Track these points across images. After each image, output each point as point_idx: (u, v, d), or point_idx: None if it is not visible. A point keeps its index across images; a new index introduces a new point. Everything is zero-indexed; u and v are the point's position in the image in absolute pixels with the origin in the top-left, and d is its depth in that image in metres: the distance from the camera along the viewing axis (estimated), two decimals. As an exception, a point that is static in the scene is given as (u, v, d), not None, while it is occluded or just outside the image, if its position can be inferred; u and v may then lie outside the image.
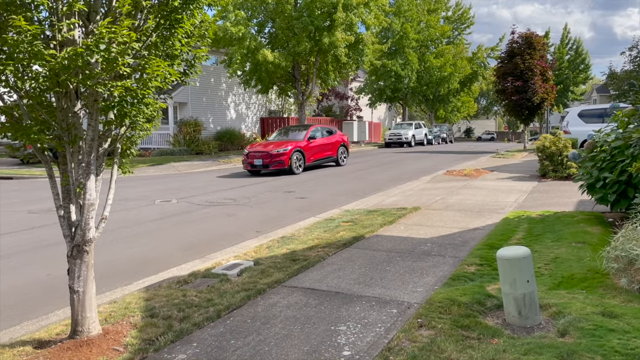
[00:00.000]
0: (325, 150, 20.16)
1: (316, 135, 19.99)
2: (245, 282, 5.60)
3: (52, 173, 4.13)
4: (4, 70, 3.24)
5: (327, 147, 20.31)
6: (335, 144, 20.82)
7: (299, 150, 18.30)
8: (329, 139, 20.61)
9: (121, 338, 4.25)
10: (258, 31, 28.32)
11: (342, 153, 21.27)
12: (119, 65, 3.54)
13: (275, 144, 18.58)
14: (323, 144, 20.11)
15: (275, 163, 17.56)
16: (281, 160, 17.53)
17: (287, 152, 17.73)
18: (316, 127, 20.89)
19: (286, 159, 17.63)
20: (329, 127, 22.30)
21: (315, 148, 19.45)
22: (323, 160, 20.08)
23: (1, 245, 8.07)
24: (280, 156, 17.62)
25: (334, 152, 20.66)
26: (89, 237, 4.07)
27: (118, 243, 8.11)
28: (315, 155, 19.33)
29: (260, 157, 17.74)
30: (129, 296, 5.34)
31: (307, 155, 18.64)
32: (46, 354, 3.97)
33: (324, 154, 20.00)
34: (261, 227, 9.10)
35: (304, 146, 18.71)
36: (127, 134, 4.24)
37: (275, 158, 17.57)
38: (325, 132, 20.93)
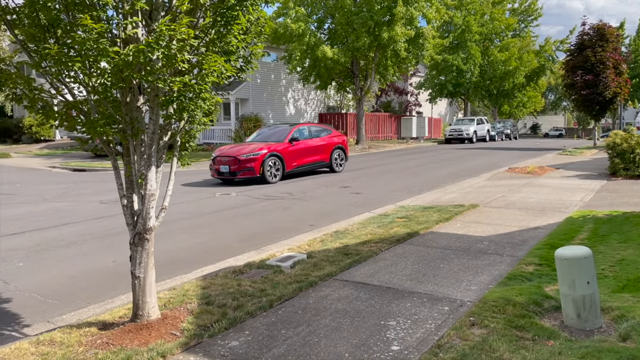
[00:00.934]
0: (314, 154, 16.47)
1: (301, 135, 16.39)
2: (297, 274, 5.69)
3: (117, 164, 4.36)
4: (73, 66, 3.46)
5: (317, 150, 16.59)
6: (328, 146, 17.01)
7: (275, 155, 14.93)
8: (319, 141, 16.85)
9: (178, 323, 4.43)
10: (317, 27, 28.48)
11: (338, 157, 17.45)
12: (178, 61, 3.69)
13: (247, 146, 15.41)
14: (311, 147, 16.41)
15: (243, 170, 14.35)
16: (250, 167, 14.24)
17: (259, 157, 14.37)
18: (302, 126, 17.25)
19: (257, 165, 14.32)
20: (322, 127, 18.50)
21: (299, 152, 15.91)
22: (311, 166, 16.48)
23: (74, 233, 8.61)
24: (249, 162, 14.31)
25: (325, 156, 16.91)
26: (150, 225, 4.27)
27: (180, 233, 8.44)
28: (299, 160, 15.82)
29: (227, 162, 14.51)
30: (187, 284, 5.56)
31: (287, 161, 15.30)
32: (109, 335, 4.22)
33: (311, 158, 16.36)
34: (316, 221, 9.18)
35: (283, 149, 15.29)
36: (186, 128, 4.42)
37: (243, 164, 14.33)
38: (316, 132, 17.18)
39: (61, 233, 8.64)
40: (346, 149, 18.02)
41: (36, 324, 4.78)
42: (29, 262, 6.86)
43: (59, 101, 4.11)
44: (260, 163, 14.46)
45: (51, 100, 4.03)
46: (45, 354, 3.92)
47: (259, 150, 14.72)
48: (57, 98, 4.04)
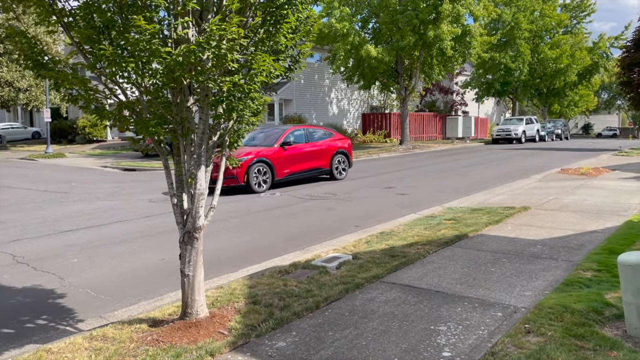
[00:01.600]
0: (311, 160, 14.79)
1: (296, 139, 14.72)
2: (343, 276, 5.63)
3: (168, 164, 4.42)
4: (126, 67, 3.52)
5: (314, 156, 14.91)
6: (327, 150, 15.33)
7: (262, 161, 13.27)
8: (318, 145, 15.16)
9: (226, 322, 4.45)
10: (362, 27, 28.34)
11: (340, 163, 15.64)
12: (228, 61, 3.69)
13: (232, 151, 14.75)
14: (307, 152, 14.72)
15: (225, 178, 11.99)
16: (232, 175, 12.44)
17: (242, 164, 12.70)
18: (298, 128, 15.59)
19: (240, 172, 12.66)
20: (322, 129, 16.67)
21: (293, 157, 14.26)
22: (307, 173, 14.79)
23: (125, 231, 8.84)
24: (231, 169, 12.40)
25: (324, 161, 15.17)
26: (199, 224, 4.30)
27: (226, 232, 8.53)
28: (292, 167, 14.11)
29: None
30: (234, 283, 5.59)
31: (277, 167, 13.63)
32: (159, 332, 4.28)
33: (307, 164, 14.67)
34: (360, 221, 9.10)
35: (272, 154, 13.62)
36: (235, 127, 4.43)
37: (225, 172, 13.96)
38: (314, 136, 15.40)
39: (112, 230, 8.89)
40: (350, 154, 16.23)
41: (89, 319, 4.91)
42: (83, 259, 7.08)
43: (112, 102, 4.20)
44: (245, 170, 12.76)
45: (105, 101, 4.13)
46: (98, 349, 4.01)
47: (244, 155, 12.91)
48: (110, 98, 4.12)
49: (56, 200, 12.49)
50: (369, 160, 23.26)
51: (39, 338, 4.44)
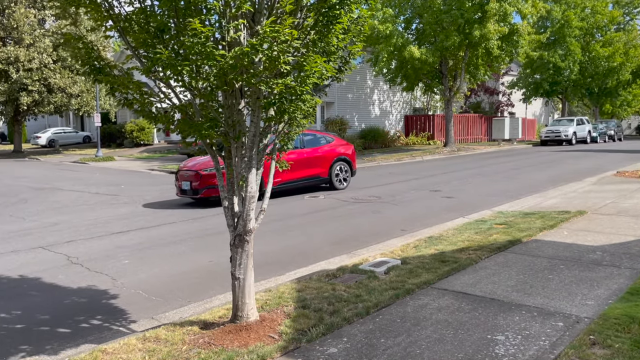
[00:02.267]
0: (306, 168, 13.32)
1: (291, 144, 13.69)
2: (393, 281, 5.51)
3: (219, 167, 4.43)
4: (181, 70, 3.53)
5: (311, 163, 13.43)
6: (326, 157, 13.92)
7: None
8: (315, 151, 13.75)
9: (276, 326, 4.41)
10: (405, 28, 28.03)
11: (341, 171, 14.24)
12: (280, 63, 3.65)
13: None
14: (302, 159, 13.21)
15: (206, 188, 11.48)
16: (214, 185, 11.31)
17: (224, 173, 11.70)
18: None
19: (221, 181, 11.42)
20: (320, 134, 14.95)
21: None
22: (302, 182, 13.35)
23: (172, 233, 8.99)
24: (212, 178, 11.32)
25: (323, 169, 13.81)
26: (250, 227, 4.29)
27: (271, 234, 8.53)
28: (284, 175, 12.48)
29: (189, 178, 11.73)
30: (282, 286, 5.56)
31: (265, 176, 12.17)
32: (210, 334, 4.28)
33: (302, 172, 13.24)
34: (407, 225, 8.93)
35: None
36: (285, 130, 4.39)
37: (206, 180, 11.42)
38: (310, 141, 13.90)
39: (160, 233, 9.05)
40: (353, 162, 14.78)
41: (141, 320, 4.98)
42: (134, 260, 7.22)
43: (166, 105, 4.24)
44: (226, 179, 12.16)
45: (159, 104, 4.17)
46: (151, 350, 4.04)
47: None
48: (164, 102, 4.16)
49: (107, 202, 12.86)
50: (412, 162, 22.95)
51: (94, 338, 4.52)
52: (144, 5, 3.79)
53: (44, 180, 18.02)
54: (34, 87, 28.56)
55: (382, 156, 24.54)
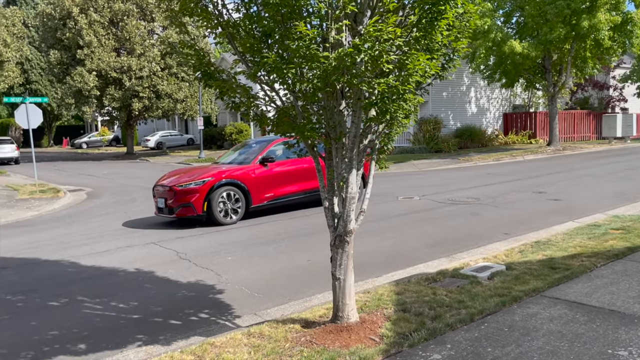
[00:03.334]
0: (306, 179, 11.21)
1: (284, 153, 11.26)
2: (497, 287, 5.25)
3: (320, 167, 4.48)
4: (286, 73, 3.61)
5: (311, 174, 11.06)
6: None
7: (231, 183, 10.23)
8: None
9: (376, 328, 4.37)
10: (504, 22, 26.77)
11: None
12: (383, 62, 3.61)
13: (195, 171, 10.94)
14: (300, 170, 11.19)
15: (180, 206, 9.98)
16: (187, 203, 9.87)
17: (201, 188, 9.89)
18: (286, 140, 10.73)
19: (198, 200, 9.85)
20: None
21: (279, 177, 10.94)
22: (301, 196, 11.29)
23: (272, 231, 9.25)
24: (187, 195, 9.89)
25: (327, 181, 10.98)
26: (350, 228, 4.28)
27: (367, 235, 8.50)
28: (277, 190, 10.86)
29: (163, 194, 10.26)
30: (380, 288, 5.51)
31: (253, 191, 10.48)
32: (312, 333, 4.33)
33: (300, 185, 11.21)
34: (510, 229, 8.50)
35: (245, 174, 10.50)
36: (385, 130, 4.34)
37: (180, 198, 9.93)
38: None
39: (261, 231, 9.35)
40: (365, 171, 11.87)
41: (245, 315, 5.16)
42: (236, 257, 7.52)
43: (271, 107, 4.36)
44: (204, 196, 9.87)
45: (264, 107, 4.29)
46: (256, 346, 4.17)
47: (205, 176, 10.15)
48: (269, 105, 4.28)
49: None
50: (513, 162, 21.84)
51: (202, 331, 4.75)
52: (250, 12, 3.92)
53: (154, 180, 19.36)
54: (144, 94, 30.82)
55: (479, 156, 23.62)
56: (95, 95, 30.77)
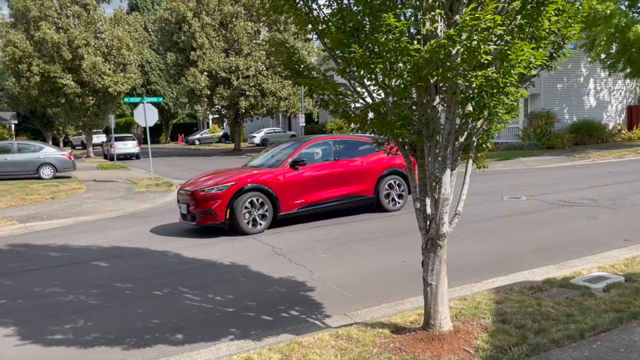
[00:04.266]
0: (342, 184, 10.29)
1: (317, 156, 10.37)
2: (614, 301, 4.70)
3: (411, 167, 4.27)
4: (374, 68, 3.46)
5: (348, 178, 10.37)
6: (370, 170, 10.66)
7: (257, 189, 9.36)
8: (354, 163, 10.55)
9: (471, 339, 4.09)
10: (629, 6, 24.27)
11: (392, 188, 10.89)
12: (480, 53, 3.33)
13: (218, 175, 9.96)
14: (336, 173, 10.27)
15: (202, 213, 9.27)
16: (208, 210, 9.16)
17: (223, 194, 9.13)
18: (320, 141, 10.87)
19: (220, 207, 9.09)
20: (364, 139, 10.97)
21: (311, 181, 9.97)
22: (336, 203, 10.28)
23: (367, 230, 9.12)
24: (209, 201, 9.18)
25: (366, 185, 10.58)
26: (443, 231, 4.04)
27: (467, 237, 8.08)
28: (308, 195, 9.90)
29: (186, 200, 9.61)
30: (478, 295, 5.17)
31: (282, 197, 9.58)
32: (401, 340, 4.15)
33: (336, 190, 10.23)
34: (631, 235, 7.63)
35: (274, 179, 9.60)
36: (484, 127, 4.03)
37: (202, 204, 9.24)
38: (347, 150, 10.70)
39: (355, 229, 9.27)
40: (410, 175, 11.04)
41: (335, 315, 5.08)
42: (330, 254, 7.50)
43: (359, 105, 4.23)
44: (227, 203, 9.10)
45: (353, 104, 4.17)
46: (343, 349, 4.07)
47: (228, 180, 9.34)
48: (357, 102, 4.15)
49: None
50: (638, 160, 19.76)
51: (292, 329, 4.76)
52: (341, 6, 3.81)
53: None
54: (250, 92, 32.08)
55: (597, 153, 21.66)
56: (206, 94, 32.57)
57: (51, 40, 29.89)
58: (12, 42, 31.20)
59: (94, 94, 32.14)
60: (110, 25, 32.72)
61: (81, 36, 30.61)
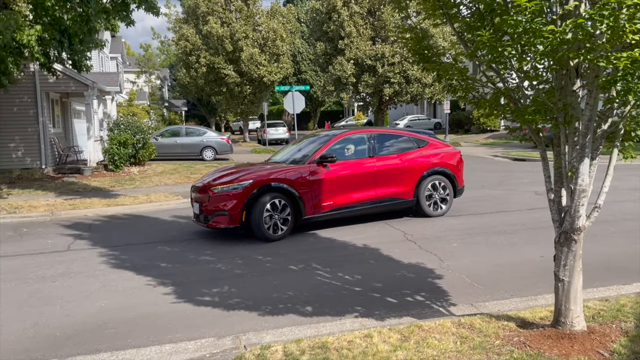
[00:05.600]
0: (376, 184, 8.99)
1: (349, 152, 9.11)
2: None
3: (545, 155, 4.05)
4: (503, 52, 3.34)
5: (384, 177, 9.05)
6: (410, 169, 9.28)
7: (278, 188, 8.18)
8: (391, 160, 9.21)
9: (607, 342, 3.79)
10: None
11: (435, 189, 9.48)
12: (626, 32, 3.04)
13: (237, 171, 8.74)
14: (370, 172, 8.96)
15: (215, 214, 8.15)
16: (222, 211, 8.05)
17: (238, 194, 8.01)
18: (354, 134, 9.49)
19: (235, 207, 7.97)
20: (403, 134, 10.00)
21: (341, 181, 8.68)
22: (369, 206, 8.95)
23: (505, 222, 8.72)
24: (223, 201, 8.07)
25: (405, 187, 9.23)
26: (578, 225, 3.78)
27: (619, 236, 7.34)
28: (338, 197, 8.64)
29: (199, 197, 8.52)
30: (623, 297, 4.74)
31: (307, 198, 8.35)
32: (527, 335, 3.99)
33: (370, 192, 8.92)
34: None
35: (299, 177, 8.37)
36: (632, 113, 3.66)
37: (215, 204, 8.13)
38: (384, 145, 9.37)
39: (493, 220, 8.91)
40: (457, 175, 9.76)
41: (460, 304, 5.03)
42: (462, 244, 7.35)
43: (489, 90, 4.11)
44: (243, 203, 7.97)
45: (482, 89, 4.07)
46: (464, 337, 4.05)
47: (245, 178, 8.18)
48: (487, 87, 4.03)
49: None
50: None
51: (415, 312, 4.82)
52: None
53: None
54: (395, 79, 32.01)
55: None
56: (351, 82, 33.25)
57: (216, 33, 32.88)
58: (184, 36, 35.01)
59: (250, 83, 34.69)
60: (266, 18, 34.94)
61: (241, 29, 33.17)
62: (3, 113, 16.28)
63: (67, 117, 20.47)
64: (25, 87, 16.28)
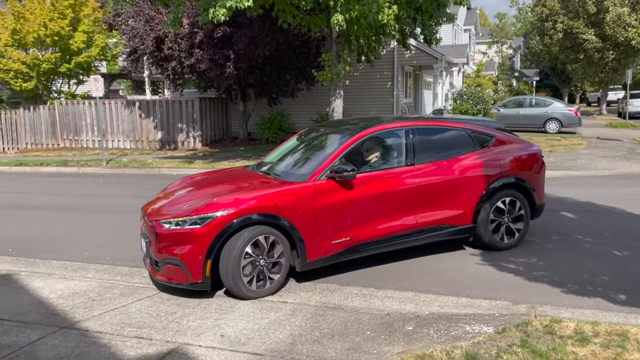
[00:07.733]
0: (416, 207, 5.36)
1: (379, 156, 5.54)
2: None
3: None
4: None
5: (429, 196, 5.43)
6: (467, 182, 5.65)
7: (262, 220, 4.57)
8: (439, 169, 5.57)
9: None
10: None
11: (503, 214, 5.78)
12: None
13: (202, 189, 5.18)
14: (409, 190, 5.33)
15: (165, 262, 4.56)
16: (175, 259, 4.50)
17: (201, 233, 4.47)
18: (381, 130, 5.52)
19: (190, 254, 4.45)
20: (456, 126, 5.71)
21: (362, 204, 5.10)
22: (405, 240, 5.32)
23: None
24: (175, 245, 4.56)
25: (458, 208, 5.61)
26: None
27: None
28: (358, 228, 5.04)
29: (145, 230, 5.06)
30: None
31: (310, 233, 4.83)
32: None
33: (407, 219, 5.35)
34: None
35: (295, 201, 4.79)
36: None
37: (164, 248, 4.56)
38: (433, 145, 5.57)
39: None
40: (535, 187, 6.22)
41: None
42: None
43: None
44: (207, 248, 4.70)
45: None
46: None
47: (215, 205, 4.82)
48: None
49: None
50: None
51: None
52: None
53: None
54: None
55: None
56: None
57: (576, -5, 29.95)
58: (541, 1, 33.14)
59: (614, 48, 30.44)
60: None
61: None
62: (368, 85, 19.14)
63: (418, 88, 22.50)
64: (385, 62, 18.67)
